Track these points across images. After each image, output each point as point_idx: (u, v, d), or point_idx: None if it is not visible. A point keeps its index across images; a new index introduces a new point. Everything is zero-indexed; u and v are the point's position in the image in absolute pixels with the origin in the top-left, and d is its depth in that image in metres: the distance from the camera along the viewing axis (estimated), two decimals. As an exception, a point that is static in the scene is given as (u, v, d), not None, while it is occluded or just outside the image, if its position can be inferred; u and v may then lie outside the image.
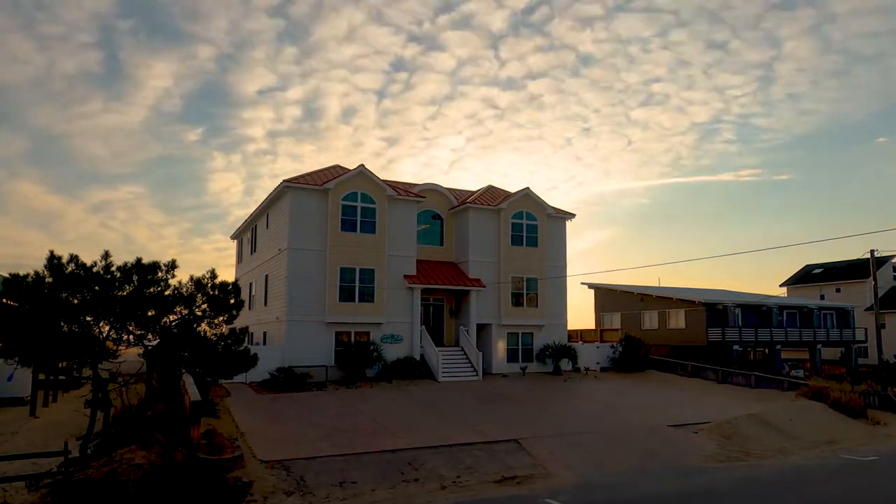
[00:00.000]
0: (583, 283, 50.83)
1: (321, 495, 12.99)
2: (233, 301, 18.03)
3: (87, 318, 15.26)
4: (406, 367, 29.13)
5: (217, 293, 17.49)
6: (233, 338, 18.42)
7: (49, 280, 14.70)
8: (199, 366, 17.36)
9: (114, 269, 15.41)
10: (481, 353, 31.43)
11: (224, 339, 18.06)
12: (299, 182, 29.61)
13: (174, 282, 16.49)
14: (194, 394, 15.28)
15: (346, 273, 29.48)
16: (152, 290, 15.91)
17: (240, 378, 23.85)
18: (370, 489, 13.51)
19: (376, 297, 29.94)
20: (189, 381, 16.74)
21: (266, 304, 32.61)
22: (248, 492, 12.71)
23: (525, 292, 34.49)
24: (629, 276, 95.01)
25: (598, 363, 36.38)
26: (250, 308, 35.02)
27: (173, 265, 16.40)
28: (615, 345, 37.44)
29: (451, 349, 32.03)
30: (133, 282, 15.58)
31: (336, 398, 23.83)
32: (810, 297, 55.09)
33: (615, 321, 47.87)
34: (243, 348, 19.29)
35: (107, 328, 15.57)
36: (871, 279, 33.36)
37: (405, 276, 31.06)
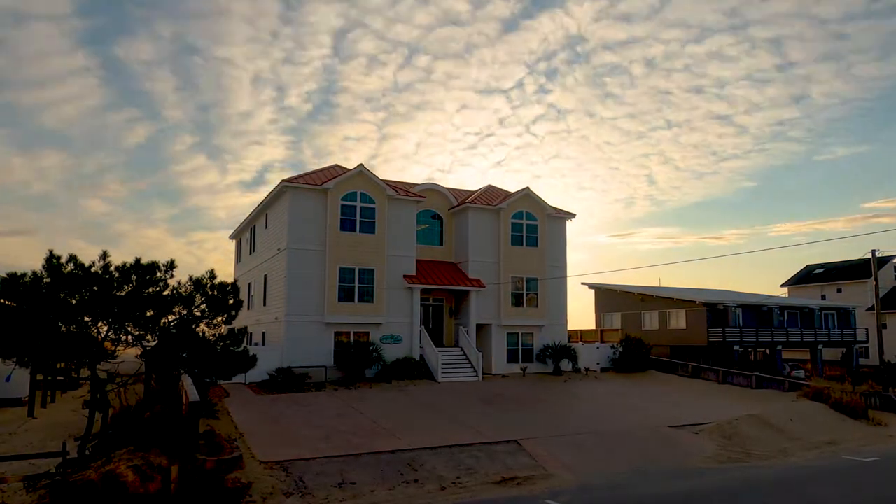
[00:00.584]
0: (583, 284, 50.80)
1: (320, 496, 12.93)
2: (232, 301, 17.98)
3: (86, 319, 15.21)
4: (405, 368, 29.05)
5: (216, 293, 17.44)
6: (232, 338, 18.38)
7: (47, 280, 14.64)
8: (198, 366, 17.29)
9: (112, 269, 15.35)
10: (481, 354, 31.35)
11: (223, 340, 18.02)
12: (298, 182, 29.54)
13: (173, 282, 16.49)
14: (193, 394, 15.19)
15: (346, 273, 29.40)
16: (151, 290, 15.86)
17: (239, 379, 23.80)
18: (369, 490, 13.45)
19: (376, 298, 29.86)
20: (188, 381, 16.66)
21: (265, 304, 32.54)
22: (248, 493, 12.65)
23: (525, 292, 34.41)
24: (629, 276, 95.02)
25: (598, 363, 36.29)
26: (249, 308, 34.94)
27: (172, 265, 16.36)
28: (615, 345, 37.35)
29: (451, 349, 31.95)
30: (132, 282, 15.54)
31: (335, 399, 23.77)
32: (811, 298, 55.01)
33: (615, 321, 47.80)
34: (242, 349, 19.24)
35: (105, 328, 15.51)
36: (872, 279, 33.25)
37: (405, 276, 30.99)
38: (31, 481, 12.65)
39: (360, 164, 30.36)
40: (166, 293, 16.25)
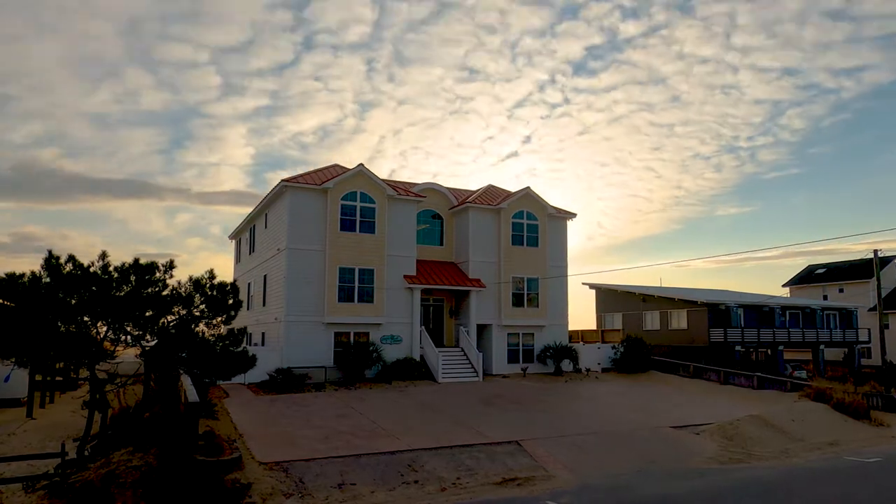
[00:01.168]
0: (584, 284, 50.76)
1: (320, 497, 12.88)
2: (231, 301, 17.93)
3: (85, 319, 15.16)
4: (406, 368, 29.00)
5: (215, 293, 17.39)
6: (231, 338, 18.32)
7: (46, 280, 14.59)
8: (198, 367, 17.24)
9: (111, 269, 15.31)
10: (481, 354, 31.30)
11: (222, 340, 17.97)
12: (298, 181, 29.49)
13: (172, 282, 16.42)
14: (192, 395, 15.14)
15: (346, 273, 29.35)
16: (150, 290, 15.80)
17: (238, 379, 23.76)
18: (369, 491, 13.39)
19: (376, 298, 29.81)
20: (187, 382, 16.61)
21: (265, 304, 32.49)
22: (247, 493, 12.59)
23: (526, 292, 34.35)
24: (631, 277, 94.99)
25: (599, 364, 36.22)
26: (249, 308, 34.90)
27: (171, 265, 16.31)
28: (616, 345, 37.28)
29: (451, 350, 31.90)
30: (131, 282, 15.48)
31: (335, 399, 23.71)
32: (813, 298, 54.92)
33: (617, 322, 47.76)
34: (242, 349, 19.20)
35: (104, 329, 15.45)
36: (874, 279, 33.18)
37: (405, 277, 30.93)
38: (30, 482, 12.62)
39: (360, 164, 30.32)
40: (165, 293, 16.19)
